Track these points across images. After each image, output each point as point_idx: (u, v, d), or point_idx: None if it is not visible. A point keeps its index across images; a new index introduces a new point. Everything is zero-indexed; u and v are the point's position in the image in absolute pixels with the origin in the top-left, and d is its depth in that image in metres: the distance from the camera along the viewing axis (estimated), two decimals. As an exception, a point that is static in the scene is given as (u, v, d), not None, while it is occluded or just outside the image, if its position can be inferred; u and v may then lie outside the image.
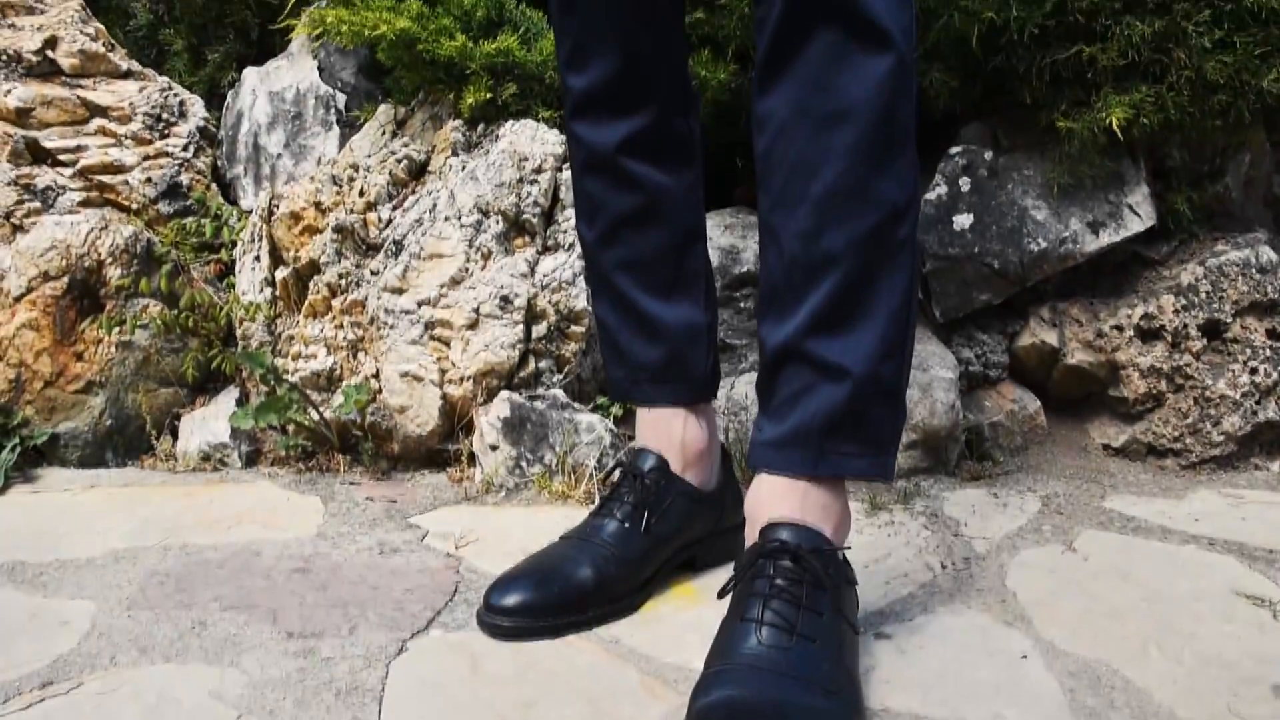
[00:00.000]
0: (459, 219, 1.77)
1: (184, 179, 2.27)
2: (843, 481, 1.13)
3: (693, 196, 1.36)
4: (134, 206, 2.23)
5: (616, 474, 1.39)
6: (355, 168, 1.92)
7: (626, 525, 1.32)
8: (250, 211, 2.30)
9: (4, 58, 2.29)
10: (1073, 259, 1.79)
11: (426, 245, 1.78)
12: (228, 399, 1.96)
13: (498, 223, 1.77)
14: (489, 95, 1.87)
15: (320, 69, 2.31)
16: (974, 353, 1.85)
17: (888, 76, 1.03)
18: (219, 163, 2.38)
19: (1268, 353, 1.79)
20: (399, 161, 1.92)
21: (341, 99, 2.27)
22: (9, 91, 2.26)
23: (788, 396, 1.10)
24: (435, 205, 1.82)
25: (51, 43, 2.33)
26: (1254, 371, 1.78)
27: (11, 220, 2.25)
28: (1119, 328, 1.80)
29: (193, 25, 2.53)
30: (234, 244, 2.10)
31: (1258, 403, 1.78)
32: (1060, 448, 1.87)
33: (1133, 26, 1.70)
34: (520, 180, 1.78)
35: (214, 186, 2.31)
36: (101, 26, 2.44)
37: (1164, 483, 1.77)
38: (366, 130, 2.04)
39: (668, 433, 1.37)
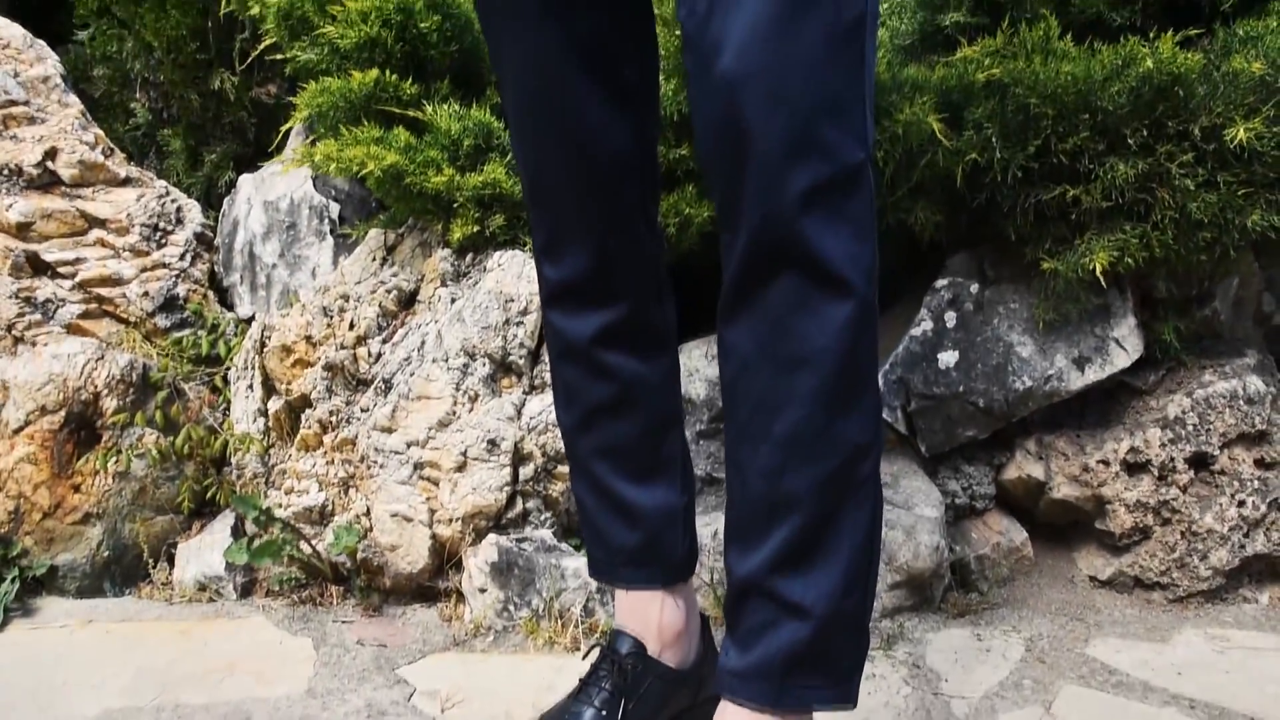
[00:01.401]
0: (446, 361, 1.79)
1: (181, 290, 2.29)
2: (808, 708, 1.15)
3: (668, 382, 1.38)
4: (132, 319, 2.26)
5: (595, 654, 1.40)
6: (346, 298, 1.94)
7: (604, 713, 1.33)
8: (247, 319, 2.33)
9: (6, 171, 2.32)
10: (1058, 396, 1.79)
11: (415, 386, 1.80)
12: (223, 525, 1.99)
13: (484, 365, 1.79)
14: (477, 228, 1.89)
15: (314, 176, 2.33)
16: (960, 485, 1.86)
17: (848, 323, 1.04)
18: (216, 268, 2.40)
19: (1256, 484, 1.78)
20: (389, 292, 1.93)
21: (335, 208, 2.29)
22: (10, 206, 2.29)
23: (753, 627, 1.12)
24: (424, 343, 1.84)
25: (51, 154, 2.36)
26: (1241, 504, 1.78)
27: (13, 333, 2.28)
28: (1105, 462, 1.80)
29: (190, 125, 2.55)
30: (229, 360, 2.12)
31: (1246, 535, 1.78)
32: (1047, 579, 1.88)
33: (1115, 168, 1.69)
34: (506, 322, 1.79)
35: (210, 294, 2.34)
36: (100, 132, 2.46)
37: (1150, 620, 1.77)
38: (358, 254, 2.06)
39: (644, 615, 1.39)
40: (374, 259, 2.03)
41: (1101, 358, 1.80)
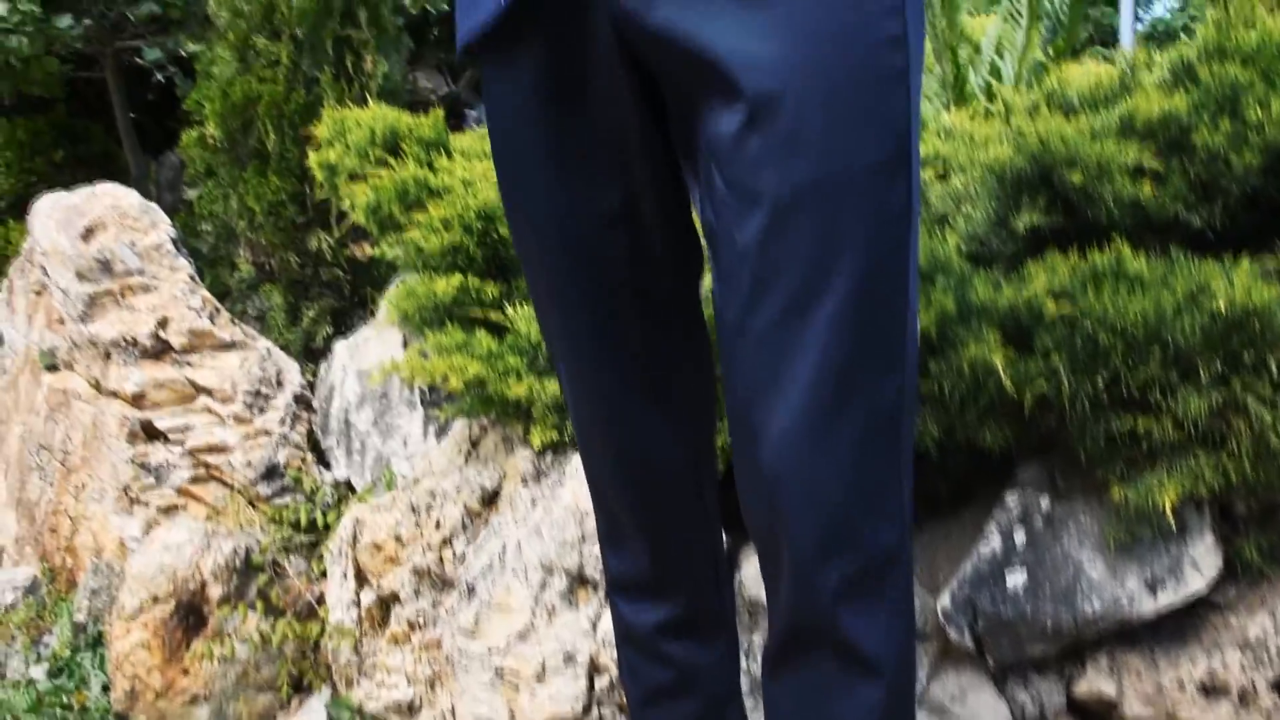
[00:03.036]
0: (525, 575, 1.86)
1: (281, 457, 2.42)
2: None
3: (727, 661, 1.43)
4: (236, 485, 2.40)
5: None
6: (432, 494, 2.04)
7: None
8: (344, 482, 2.45)
9: (123, 343, 2.48)
10: (1129, 620, 1.78)
11: (495, 596, 1.88)
12: (319, 703, 2.11)
13: (561, 579, 1.86)
14: (555, 434, 1.96)
15: (405, 345, 2.43)
16: (1029, 695, 1.86)
17: (879, 704, 1.08)
18: (314, 427, 2.53)
19: (1340, 708, 1.75)
20: (472, 492, 2.02)
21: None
22: (128, 376, 2.45)
23: None
24: (504, 550, 1.92)
25: (163, 323, 2.51)
26: (1324, 729, 1.75)
27: (129, 494, 2.44)
28: (1180, 684, 1.79)
29: (290, 282, 2.68)
30: (326, 544, 2.24)
31: (1329, 761, 1.75)
32: (1121, 793, 1.87)
33: (1188, 401, 1.68)
34: (582, 538, 1.86)
35: (309, 457, 2.47)
36: (207, 294, 2.61)
37: None
38: (444, 446, 2.15)
39: None
40: (459, 451, 2.12)
41: (1175, 579, 1.78)
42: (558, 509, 1.89)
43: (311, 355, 2.68)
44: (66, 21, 3.89)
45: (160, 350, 2.50)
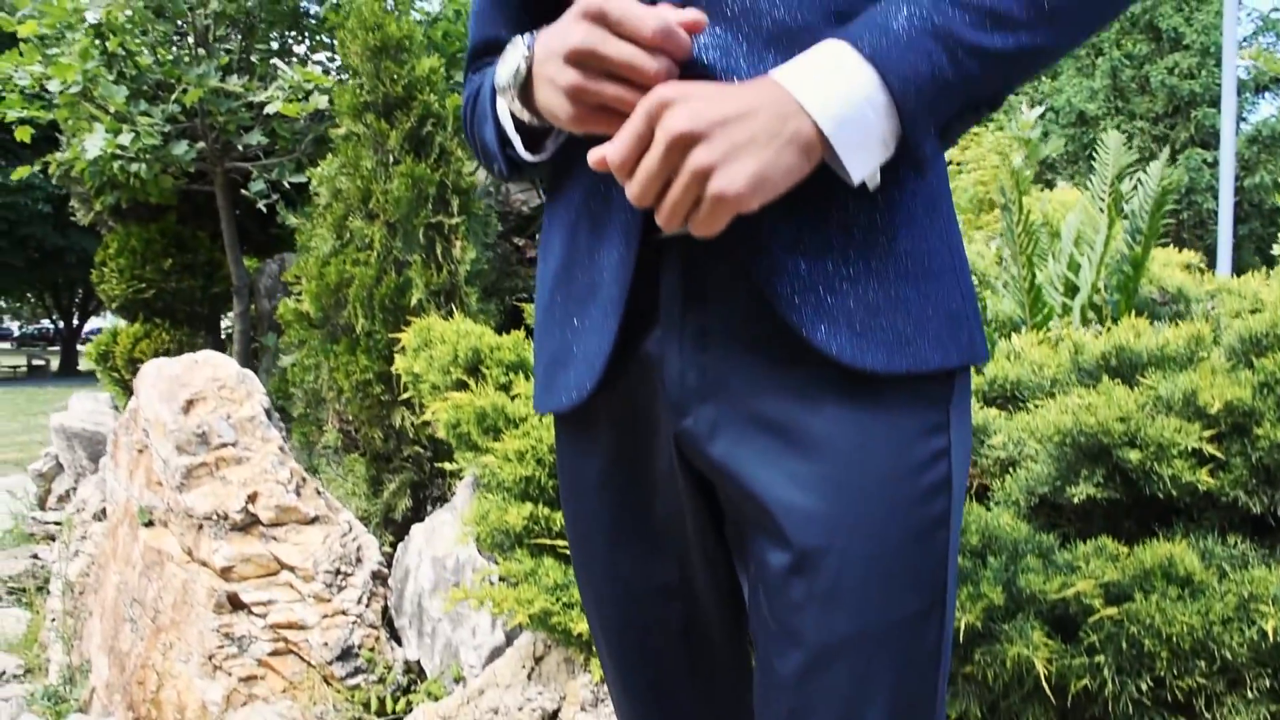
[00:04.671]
0: (577, 815, 1.95)
1: (356, 638, 2.54)
2: None
3: None
4: (313, 663, 2.52)
5: None
6: (495, 712, 2.13)
7: None
8: (415, 660, 2.56)
9: (215, 516, 2.63)
10: None
11: (548, 831, 1.97)
12: None
13: (611, 823, 1.94)
14: (613, 669, 2.04)
15: (478, 537, 2.54)
16: None
17: None
18: (389, 603, 2.65)
19: None
20: (533, 711, 2.11)
21: (496, 572, 2.50)
22: (217, 550, 2.59)
23: None
24: (559, 782, 2.01)
25: (253, 497, 2.65)
26: None
27: (213, 661, 2.58)
28: None
29: (374, 455, 2.81)
30: (396, 714, 2.35)
31: None
32: None
33: (1235, 714, 1.70)
34: (633, 784, 1.93)
35: (383, 635, 2.58)
36: (296, 465, 2.75)
37: None
38: (509, 657, 2.25)
39: None
40: (523, 666, 2.22)
41: None
42: (612, 752, 1.97)
43: (390, 524, 2.81)
44: (183, 148, 4.11)
45: (249, 524, 2.65)
